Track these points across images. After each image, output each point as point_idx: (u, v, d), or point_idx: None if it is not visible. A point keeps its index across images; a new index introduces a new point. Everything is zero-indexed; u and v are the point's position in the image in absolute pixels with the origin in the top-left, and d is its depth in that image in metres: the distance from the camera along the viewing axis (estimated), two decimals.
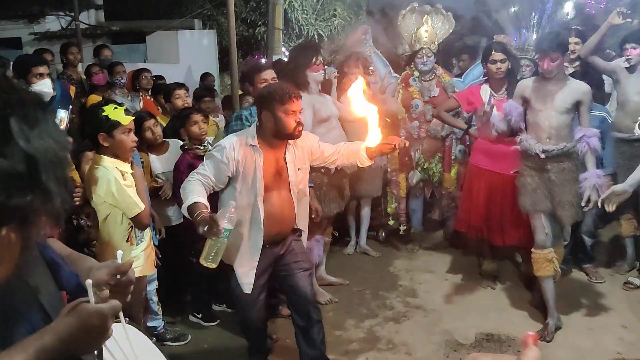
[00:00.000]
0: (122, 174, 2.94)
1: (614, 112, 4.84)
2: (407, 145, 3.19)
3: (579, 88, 3.73)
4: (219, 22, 10.73)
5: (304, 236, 3.33)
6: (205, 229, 2.67)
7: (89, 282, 1.23)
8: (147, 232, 3.30)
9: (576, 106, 3.71)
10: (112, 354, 1.28)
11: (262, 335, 3.41)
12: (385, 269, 5.07)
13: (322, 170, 3.98)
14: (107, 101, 2.98)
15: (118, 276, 1.37)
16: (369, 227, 5.40)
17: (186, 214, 2.84)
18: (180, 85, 4.80)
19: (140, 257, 3.22)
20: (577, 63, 4.81)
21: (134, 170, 3.08)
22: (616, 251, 4.92)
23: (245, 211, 3.02)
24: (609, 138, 4.43)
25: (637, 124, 4.22)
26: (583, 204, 3.63)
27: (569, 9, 6.29)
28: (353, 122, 4.74)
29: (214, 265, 2.73)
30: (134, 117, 2.96)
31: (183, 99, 4.58)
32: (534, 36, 5.36)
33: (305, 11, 11.22)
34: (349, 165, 3.36)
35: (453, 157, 5.11)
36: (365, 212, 5.26)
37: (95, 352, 1.20)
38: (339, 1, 12.00)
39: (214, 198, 3.12)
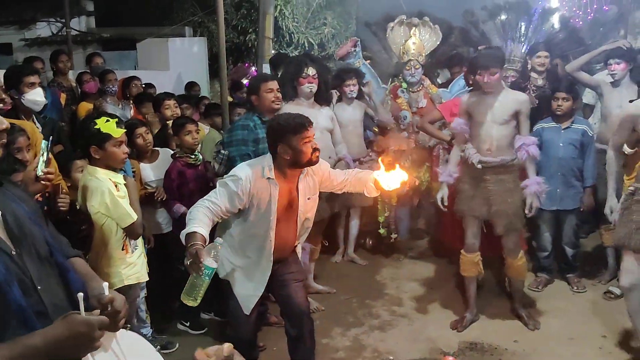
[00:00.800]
0: (116, 185, 2.99)
1: (597, 124, 4.97)
2: (417, 184, 3.17)
3: (517, 98, 3.89)
4: (209, 29, 10.77)
5: (299, 247, 3.35)
6: (188, 263, 2.60)
7: (80, 295, 1.33)
8: (140, 239, 3.35)
9: (515, 116, 3.85)
10: None
11: (252, 346, 3.42)
12: (372, 277, 5.13)
13: None
14: (99, 113, 3.02)
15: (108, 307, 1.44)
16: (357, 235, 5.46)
17: (183, 240, 2.76)
18: (170, 95, 4.81)
19: (137, 264, 3.27)
20: (545, 75, 4.93)
21: (126, 181, 3.13)
22: (598, 261, 5.00)
23: (254, 241, 3.04)
24: (590, 150, 4.53)
25: None
26: (526, 211, 3.86)
27: (555, 20, 6.40)
28: (345, 128, 4.88)
29: (194, 304, 2.64)
30: (125, 130, 3.00)
31: (172, 109, 4.58)
32: (521, 47, 5.49)
33: (295, 19, 11.30)
34: (355, 192, 3.33)
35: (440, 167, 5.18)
36: (354, 221, 5.32)
37: None
38: (329, 10, 12.09)
39: None
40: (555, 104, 4.48)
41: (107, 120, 2.92)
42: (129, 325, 1.47)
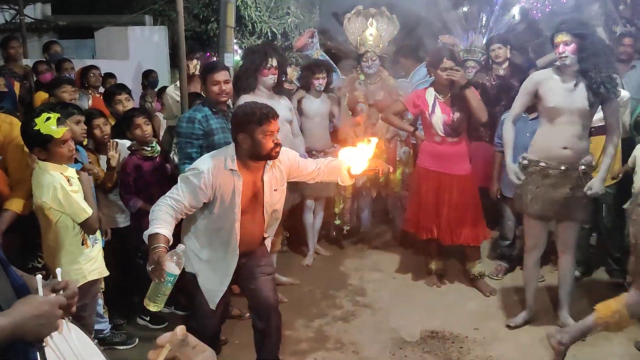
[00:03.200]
0: (68, 180, 2.89)
1: None
2: (391, 170, 3.14)
3: None
4: (170, 17, 10.54)
5: (268, 240, 3.28)
6: (150, 269, 2.50)
7: (39, 277, 1.43)
8: (98, 232, 3.27)
9: None
10: (59, 349, 1.40)
11: (215, 340, 3.38)
12: (335, 268, 5.13)
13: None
14: (40, 111, 2.87)
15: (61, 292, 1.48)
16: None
17: (145, 241, 2.66)
18: (121, 88, 4.57)
19: (97, 258, 3.19)
20: (506, 65, 4.98)
21: (80, 175, 3.03)
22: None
23: (219, 234, 2.98)
24: None
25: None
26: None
27: (515, 12, 6.48)
28: (312, 120, 4.86)
29: (157, 309, 2.53)
30: (67, 128, 2.88)
31: (124, 103, 4.36)
32: (482, 38, 5.54)
33: (258, 8, 11.15)
34: (329, 182, 3.30)
35: (397, 159, 5.21)
36: (319, 212, 5.29)
37: (38, 354, 1.34)
38: (292, 0, 11.99)
39: None
40: None
41: (48, 119, 2.76)
42: (69, 318, 1.49)
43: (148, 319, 4.06)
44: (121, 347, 3.76)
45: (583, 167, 3.62)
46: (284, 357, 3.57)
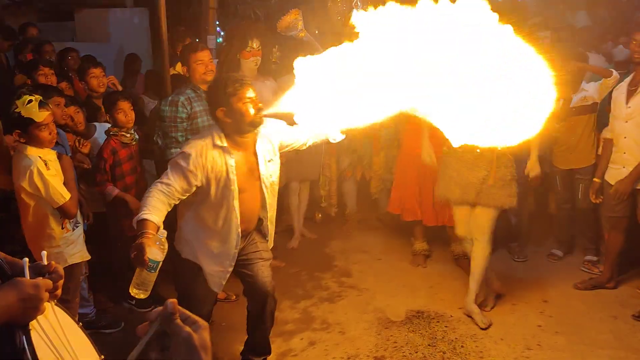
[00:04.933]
0: (46, 163, 2.86)
1: None
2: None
3: None
4: None
5: (271, 226, 3.19)
6: (133, 256, 2.44)
7: (25, 260, 1.41)
8: (79, 215, 3.25)
9: None
10: (45, 332, 1.38)
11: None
12: (321, 250, 5.15)
13: None
14: (20, 93, 2.83)
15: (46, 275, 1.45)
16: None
17: (135, 227, 2.59)
18: (96, 64, 4.49)
19: (78, 242, 3.17)
20: None
21: (61, 159, 3.00)
22: (541, 227, 5.16)
23: (220, 215, 2.88)
24: None
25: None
26: None
27: None
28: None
29: (143, 296, 2.50)
30: (50, 111, 2.83)
31: (99, 78, 4.27)
32: None
33: None
34: (320, 143, 3.22)
35: (382, 141, 5.21)
36: (304, 195, 5.29)
37: (25, 338, 1.31)
38: None
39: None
40: None
41: (30, 101, 2.72)
42: (55, 301, 1.49)
43: (134, 302, 4.05)
44: (107, 331, 3.75)
45: (499, 148, 3.65)
46: (271, 338, 3.59)
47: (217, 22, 9.36)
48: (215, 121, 2.89)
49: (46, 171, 2.84)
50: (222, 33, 9.39)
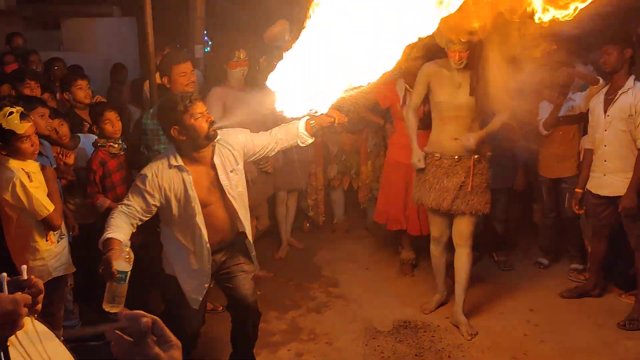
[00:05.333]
0: (29, 175, 2.84)
1: None
2: (345, 120, 3.08)
3: None
4: (139, 7, 10.39)
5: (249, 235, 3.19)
6: (101, 270, 2.51)
7: (2, 275, 1.34)
8: (64, 227, 3.22)
9: None
10: (24, 348, 1.34)
11: (195, 338, 3.28)
12: (309, 259, 5.15)
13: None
14: (1, 105, 2.79)
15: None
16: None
17: (101, 249, 2.67)
18: (83, 75, 4.47)
19: (62, 254, 3.14)
20: None
21: (45, 171, 2.98)
22: (528, 236, 5.18)
23: (188, 232, 2.93)
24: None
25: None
26: None
27: None
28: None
29: (117, 310, 2.50)
30: (31, 123, 2.82)
31: (85, 90, 4.27)
32: None
33: None
34: (289, 147, 3.22)
35: (369, 150, 5.24)
36: (292, 204, 5.29)
37: (2, 354, 1.28)
38: None
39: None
40: None
41: (11, 113, 2.70)
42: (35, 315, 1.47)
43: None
44: (92, 343, 3.70)
45: (476, 156, 3.74)
46: (258, 350, 3.58)
47: (205, 32, 9.37)
48: (170, 140, 2.91)
49: (29, 183, 2.82)
50: (209, 42, 9.39)
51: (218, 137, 2.89)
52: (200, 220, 2.89)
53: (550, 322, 3.99)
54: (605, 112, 3.89)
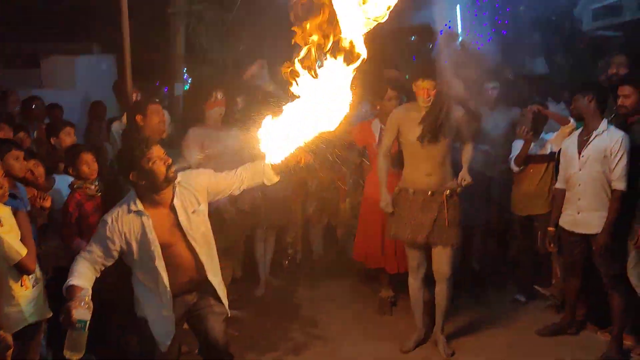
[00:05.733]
0: (0, 220, 2.81)
1: None
2: (310, 160, 3.10)
3: None
4: (119, 45, 10.45)
5: (217, 277, 3.12)
6: (61, 319, 2.54)
7: None
8: (38, 271, 3.17)
9: None
10: None
11: None
12: (287, 298, 5.11)
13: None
14: None
15: None
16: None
17: (65, 295, 2.66)
18: (69, 124, 4.51)
19: (38, 299, 3.08)
20: None
21: (17, 215, 2.95)
22: (504, 271, 5.22)
23: (150, 276, 2.91)
24: (493, 170, 4.75)
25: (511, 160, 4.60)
26: None
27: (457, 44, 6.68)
28: None
29: (76, 358, 2.55)
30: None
31: (72, 137, 4.33)
32: None
33: (209, 37, 11.16)
34: (255, 186, 3.19)
35: (347, 188, 5.27)
36: (270, 242, 5.27)
37: None
38: (244, 28, 12.05)
39: None
40: None
41: None
42: None
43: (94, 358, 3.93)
44: None
45: (448, 191, 3.86)
46: None
47: (185, 69, 9.45)
48: (129, 185, 2.92)
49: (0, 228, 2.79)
50: (189, 80, 9.46)
51: (178, 179, 2.90)
52: (160, 264, 2.87)
53: (529, 359, 3.99)
54: (579, 152, 3.99)
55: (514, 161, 4.57)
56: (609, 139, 3.85)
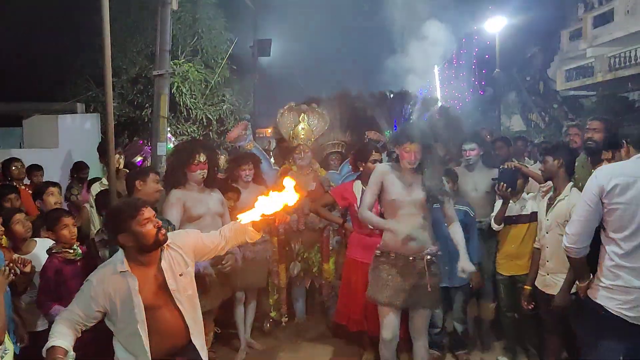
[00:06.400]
0: None
1: None
2: (287, 220, 3.13)
3: None
4: (104, 104, 10.56)
5: (200, 340, 3.04)
6: None
7: None
8: (8, 340, 3.08)
9: None
10: None
11: None
12: None
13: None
14: None
15: None
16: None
17: (44, 356, 2.61)
18: (54, 184, 4.61)
19: None
20: None
21: None
22: (488, 334, 5.18)
23: (131, 339, 2.81)
24: (473, 230, 4.78)
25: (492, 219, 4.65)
26: None
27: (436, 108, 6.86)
28: (241, 210, 4.85)
29: None
30: None
31: (56, 196, 4.39)
32: None
33: (193, 95, 11.34)
34: (238, 244, 3.25)
35: (331, 248, 5.28)
36: (252, 304, 5.18)
37: None
38: (227, 87, 12.29)
39: None
40: None
41: None
42: None
43: None
44: None
45: (429, 256, 3.89)
46: None
47: (169, 127, 9.53)
48: (118, 246, 2.88)
49: None
50: (172, 139, 9.54)
51: (168, 240, 2.88)
52: (142, 328, 2.78)
53: None
54: (546, 215, 4.06)
55: (493, 220, 4.63)
56: (568, 203, 3.91)
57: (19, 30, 10.10)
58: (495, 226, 4.65)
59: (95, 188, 5.18)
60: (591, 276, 3.16)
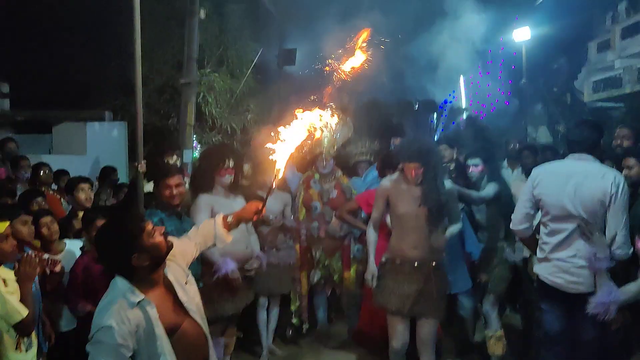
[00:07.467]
0: (4, 281, 2.82)
1: None
2: (262, 214, 2.96)
3: None
4: (131, 112, 10.73)
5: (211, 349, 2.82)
6: None
7: None
8: (34, 336, 3.14)
9: None
10: None
11: None
12: None
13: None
14: None
15: None
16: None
17: None
18: (85, 179, 4.72)
19: None
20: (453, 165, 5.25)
21: (20, 273, 2.97)
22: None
23: None
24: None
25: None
26: None
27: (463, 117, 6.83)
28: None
29: None
30: (9, 222, 2.86)
31: (87, 192, 4.49)
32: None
33: (219, 105, 11.47)
34: (205, 249, 2.98)
35: (352, 256, 5.26)
36: (274, 310, 5.19)
37: None
38: (252, 97, 12.40)
39: None
40: None
41: None
42: None
43: None
44: None
45: (434, 262, 3.91)
46: None
47: (195, 136, 9.64)
48: (125, 272, 2.47)
49: (4, 288, 2.80)
50: (198, 147, 9.65)
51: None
52: (171, 356, 2.45)
53: None
54: None
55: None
56: None
57: (49, 39, 10.35)
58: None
59: None
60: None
